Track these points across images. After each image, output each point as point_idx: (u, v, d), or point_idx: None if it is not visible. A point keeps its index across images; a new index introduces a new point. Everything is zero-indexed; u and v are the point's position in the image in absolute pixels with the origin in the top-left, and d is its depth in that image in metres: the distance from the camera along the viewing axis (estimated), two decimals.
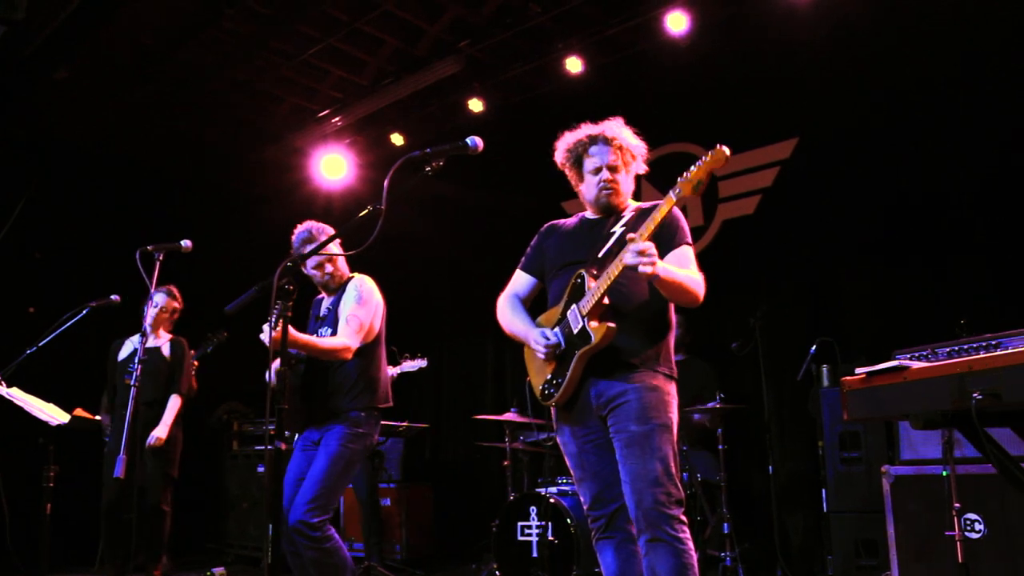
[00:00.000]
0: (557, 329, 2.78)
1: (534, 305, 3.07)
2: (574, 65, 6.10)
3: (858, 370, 2.35)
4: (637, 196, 3.05)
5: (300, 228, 3.72)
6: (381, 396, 3.61)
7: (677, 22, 5.59)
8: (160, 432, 4.98)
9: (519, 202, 6.58)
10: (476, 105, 6.68)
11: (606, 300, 2.64)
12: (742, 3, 5.62)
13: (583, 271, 2.74)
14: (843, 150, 5.32)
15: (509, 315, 3.02)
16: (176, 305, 5.35)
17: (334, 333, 3.54)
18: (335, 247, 3.60)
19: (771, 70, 5.66)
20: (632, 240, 2.49)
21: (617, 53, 6.20)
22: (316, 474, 3.32)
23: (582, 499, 2.86)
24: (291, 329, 3.21)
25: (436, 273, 7.74)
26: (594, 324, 2.63)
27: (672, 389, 2.75)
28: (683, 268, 2.70)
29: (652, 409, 2.63)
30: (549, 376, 2.81)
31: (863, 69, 5.27)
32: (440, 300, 7.72)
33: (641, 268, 2.44)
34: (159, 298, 5.23)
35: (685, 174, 2.49)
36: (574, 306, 2.72)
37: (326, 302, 3.76)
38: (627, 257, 2.47)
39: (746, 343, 4.99)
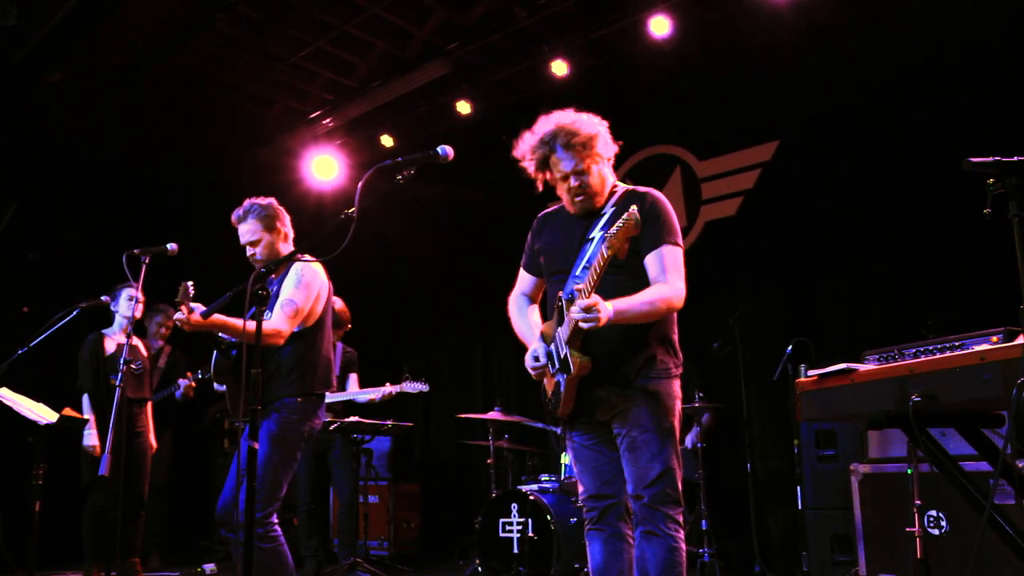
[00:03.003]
0: (552, 347, 2.79)
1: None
2: (560, 68, 6.19)
3: (810, 372, 2.43)
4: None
5: (261, 202, 3.58)
6: (320, 380, 3.45)
7: (660, 26, 5.68)
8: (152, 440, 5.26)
9: (508, 203, 6.65)
10: (464, 107, 6.76)
11: (584, 325, 2.57)
12: (723, 7, 5.70)
13: (562, 296, 2.73)
14: (824, 153, 5.39)
15: (516, 318, 3.07)
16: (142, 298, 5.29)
17: None
18: (277, 236, 3.55)
19: (753, 73, 5.73)
20: (579, 293, 2.52)
21: (602, 56, 6.29)
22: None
23: (580, 489, 2.89)
24: (198, 313, 3.12)
25: (426, 274, 7.82)
26: (573, 355, 2.64)
27: (674, 389, 2.75)
28: (650, 290, 2.66)
29: (655, 415, 2.67)
30: (551, 392, 2.85)
31: (843, 73, 5.34)
32: (430, 300, 7.79)
33: (585, 326, 2.48)
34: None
35: (612, 230, 2.41)
36: (559, 330, 2.73)
37: (272, 284, 3.52)
38: (574, 314, 2.50)
39: (726, 343, 5.06)
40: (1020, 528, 2.06)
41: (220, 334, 3.36)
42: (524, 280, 3.11)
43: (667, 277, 2.69)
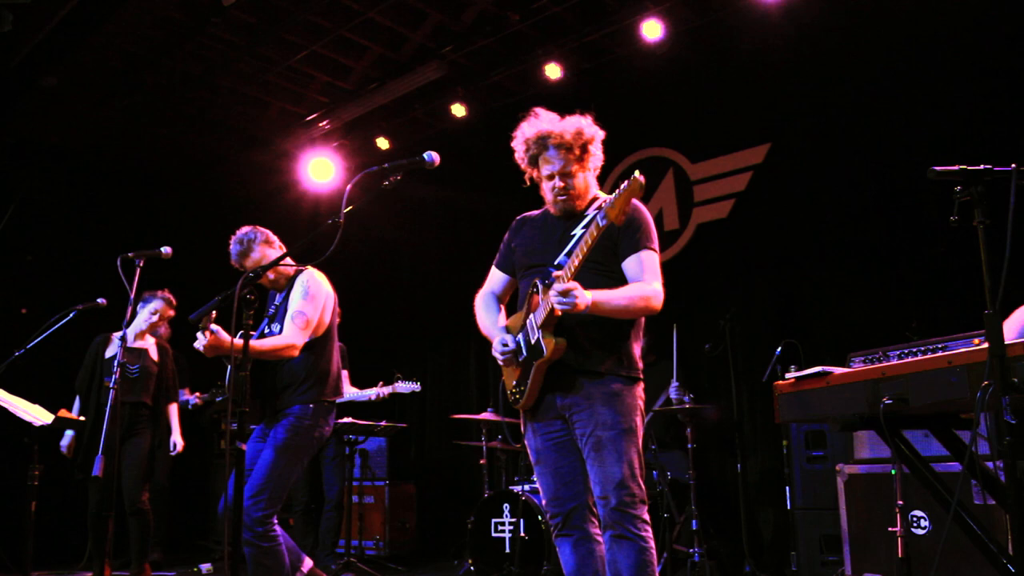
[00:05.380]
0: (520, 336, 2.82)
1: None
2: (553, 71, 6.24)
3: (788, 375, 2.47)
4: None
5: (235, 236, 3.70)
6: (330, 389, 3.55)
7: (652, 29, 5.73)
8: (177, 439, 5.48)
9: (503, 204, 6.68)
10: (459, 110, 6.81)
11: (557, 312, 2.64)
12: (715, 11, 5.74)
13: (538, 281, 2.75)
14: (816, 155, 5.42)
15: (483, 314, 3.07)
16: (171, 313, 5.33)
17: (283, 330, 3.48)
18: (276, 250, 3.66)
19: (745, 76, 5.78)
20: (557, 278, 2.55)
21: (595, 59, 6.34)
22: (261, 468, 3.29)
23: (541, 493, 2.91)
24: (224, 334, 3.18)
25: (421, 276, 7.86)
26: (547, 338, 2.67)
27: (637, 392, 2.78)
28: (629, 286, 2.71)
29: (617, 415, 2.68)
30: (515, 382, 2.86)
31: (834, 76, 5.37)
32: (426, 302, 7.84)
33: (561, 309, 2.52)
34: (157, 304, 5.18)
35: (610, 199, 2.46)
36: (531, 316, 2.76)
37: (276, 298, 3.68)
38: (551, 296, 2.53)
39: (718, 344, 5.10)
40: (989, 527, 2.10)
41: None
42: (495, 278, 3.12)
43: (645, 278, 2.73)
